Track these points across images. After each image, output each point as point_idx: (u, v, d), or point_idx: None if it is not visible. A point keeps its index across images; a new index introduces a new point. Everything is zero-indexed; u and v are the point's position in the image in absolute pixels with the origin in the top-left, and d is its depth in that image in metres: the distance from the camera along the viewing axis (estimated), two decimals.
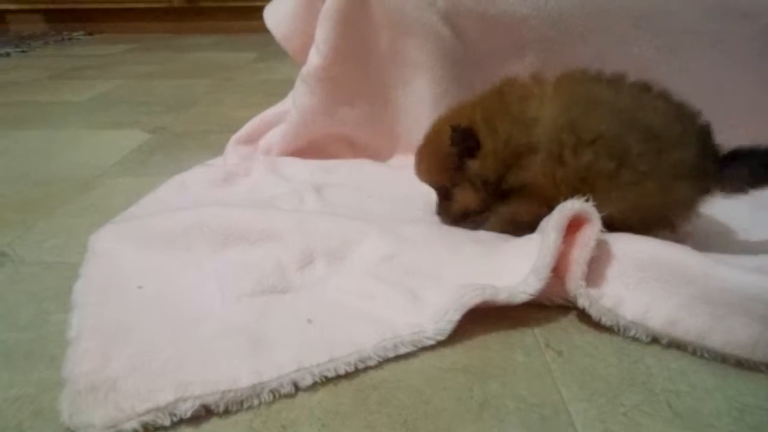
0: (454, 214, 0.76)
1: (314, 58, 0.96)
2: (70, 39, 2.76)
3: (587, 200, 0.62)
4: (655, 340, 0.56)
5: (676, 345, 0.55)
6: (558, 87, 0.69)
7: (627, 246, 0.61)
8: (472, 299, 0.57)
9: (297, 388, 0.49)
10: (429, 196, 0.80)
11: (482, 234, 0.72)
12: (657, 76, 0.93)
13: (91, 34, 2.92)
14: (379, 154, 1.06)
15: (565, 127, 0.65)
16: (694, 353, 0.54)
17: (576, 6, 0.90)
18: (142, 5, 2.88)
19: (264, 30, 1.09)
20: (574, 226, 0.62)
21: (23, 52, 2.39)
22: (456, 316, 0.56)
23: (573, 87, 0.69)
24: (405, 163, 0.95)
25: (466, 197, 0.73)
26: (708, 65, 0.92)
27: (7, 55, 2.33)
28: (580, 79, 0.70)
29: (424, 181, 0.77)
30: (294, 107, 1.02)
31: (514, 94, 0.70)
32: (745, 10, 0.89)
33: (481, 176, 0.71)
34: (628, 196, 0.64)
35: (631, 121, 0.65)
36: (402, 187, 0.91)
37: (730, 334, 0.53)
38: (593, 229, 0.60)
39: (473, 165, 0.71)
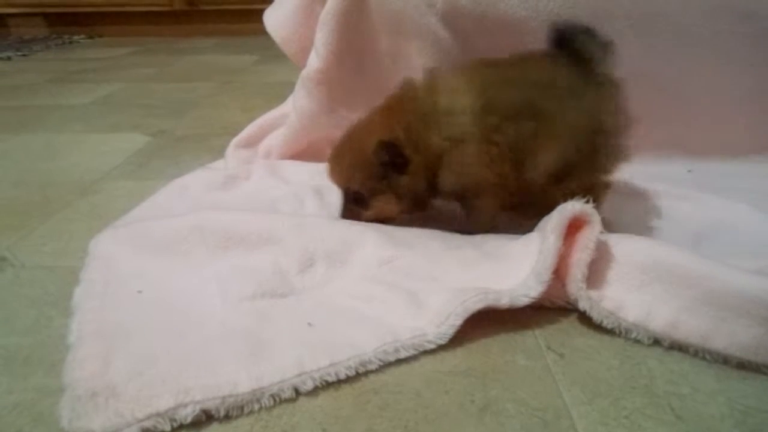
0: (366, 219, 0.75)
1: (313, 61, 0.96)
2: (71, 42, 2.76)
3: (587, 202, 0.62)
4: (656, 342, 0.56)
5: (678, 347, 0.55)
6: (466, 75, 0.72)
7: (627, 248, 0.60)
8: (475, 304, 0.56)
9: (298, 392, 0.49)
10: None
11: (481, 236, 0.72)
12: (654, 75, 0.94)
13: (92, 37, 2.92)
14: None
15: (486, 110, 0.68)
16: (696, 355, 0.54)
17: (574, 7, 0.90)
18: (143, 8, 2.89)
19: (264, 33, 1.09)
20: (573, 227, 0.61)
21: (24, 55, 2.39)
22: (458, 321, 0.56)
23: (482, 72, 0.72)
24: None
25: (387, 207, 0.74)
26: (707, 66, 0.92)
27: (8, 58, 2.33)
28: (484, 65, 0.73)
29: (337, 184, 0.76)
30: (294, 110, 1.02)
31: (421, 95, 0.72)
32: (743, 11, 0.89)
33: (409, 189, 0.72)
34: (554, 149, 0.69)
35: (541, 87, 0.70)
36: None
37: (733, 337, 0.53)
38: (593, 231, 0.60)
39: (402, 180, 0.71)
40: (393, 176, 0.71)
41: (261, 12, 1.11)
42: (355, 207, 0.75)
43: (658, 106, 0.96)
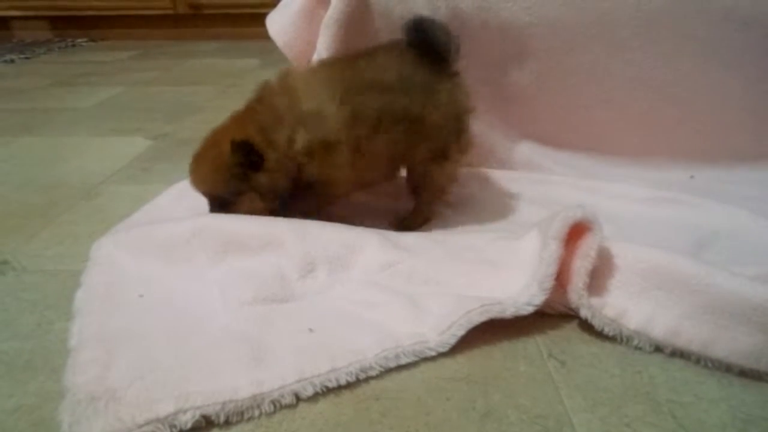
0: None
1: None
2: (74, 46, 2.77)
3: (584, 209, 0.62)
4: (658, 349, 0.56)
5: (679, 354, 0.55)
6: (327, 78, 0.75)
7: (628, 255, 0.60)
8: (479, 316, 0.56)
9: (298, 398, 0.49)
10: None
11: (480, 241, 0.71)
12: (657, 82, 0.94)
13: (95, 40, 2.92)
14: None
15: (353, 121, 0.72)
16: (697, 363, 0.54)
17: (576, 14, 0.90)
18: (146, 12, 2.89)
19: (267, 37, 1.09)
20: (574, 234, 0.61)
21: (27, 58, 2.40)
22: (460, 332, 0.56)
23: (343, 74, 0.75)
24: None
25: (253, 207, 0.73)
26: (708, 72, 0.92)
27: (12, 61, 2.33)
28: (342, 65, 0.78)
29: (200, 191, 0.75)
30: None
31: (280, 96, 0.74)
32: (744, 19, 0.89)
33: (270, 187, 0.72)
34: (422, 145, 0.77)
35: (403, 89, 0.75)
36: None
37: (734, 344, 0.53)
38: (594, 238, 0.59)
39: (261, 178, 0.72)
40: (252, 175, 0.72)
41: (264, 16, 1.11)
42: (221, 211, 0.74)
43: (661, 112, 0.96)
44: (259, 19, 1.16)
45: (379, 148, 0.74)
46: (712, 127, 0.96)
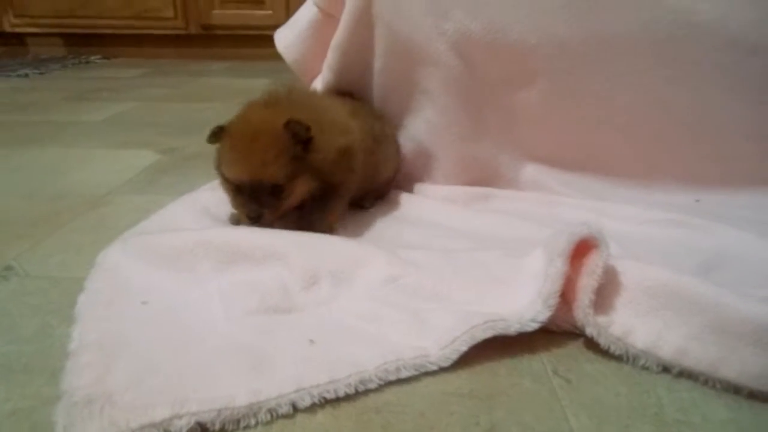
0: (288, 207, 0.74)
1: (327, 77, 0.98)
2: (87, 62, 2.81)
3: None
4: (665, 369, 0.54)
5: (687, 375, 0.54)
6: (328, 97, 0.92)
7: (635, 273, 0.60)
8: (483, 332, 0.56)
9: (296, 409, 0.48)
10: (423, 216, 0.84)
11: (487, 258, 0.71)
12: (664, 105, 0.94)
13: (108, 58, 2.98)
14: None
15: (363, 134, 0.84)
16: (705, 384, 0.53)
17: (583, 37, 0.91)
18: (158, 32, 2.95)
19: (276, 57, 1.11)
20: (580, 251, 0.61)
21: (41, 73, 2.44)
22: (463, 347, 0.55)
23: (340, 101, 0.90)
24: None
25: (304, 187, 0.74)
26: (714, 96, 0.92)
27: (26, 75, 2.37)
28: (334, 98, 0.93)
29: (255, 181, 0.71)
30: None
31: (300, 103, 0.79)
32: (752, 45, 0.89)
33: (320, 168, 0.74)
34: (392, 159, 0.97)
35: (372, 117, 0.95)
36: (405, 209, 0.90)
37: (743, 366, 0.52)
38: (600, 256, 0.59)
39: (313, 157, 0.73)
40: (305, 155, 0.73)
41: (273, 38, 1.13)
42: (270, 200, 0.72)
43: (667, 135, 0.96)
44: (269, 40, 1.18)
45: (374, 160, 0.88)
46: (719, 151, 0.96)
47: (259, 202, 0.72)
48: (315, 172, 0.74)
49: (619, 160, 0.99)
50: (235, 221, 0.81)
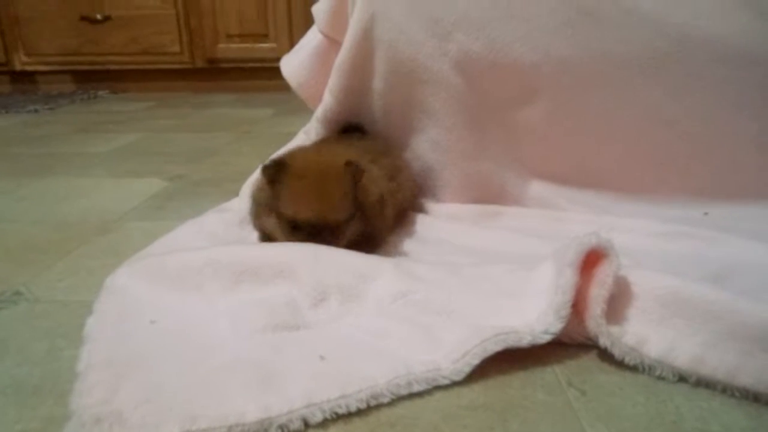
0: (342, 247, 0.74)
1: (327, 101, 0.99)
2: (95, 97, 2.87)
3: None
4: (682, 378, 0.53)
5: (705, 383, 0.53)
6: (343, 145, 0.92)
7: (646, 282, 0.59)
8: (495, 345, 0.55)
9: (307, 424, 0.48)
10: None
11: (496, 271, 0.71)
12: (668, 120, 0.95)
13: (115, 92, 3.03)
14: None
15: (386, 178, 0.87)
16: (724, 392, 0.52)
17: (585, 53, 0.92)
18: (165, 66, 3.01)
19: (281, 88, 1.13)
20: (589, 261, 0.60)
21: (51, 109, 2.48)
22: (475, 361, 0.54)
23: (355, 144, 0.94)
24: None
25: (355, 228, 0.76)
26: (718, 110, 0.93)
27: (36, 111, 2.42)
28: (340, 141, 0.97)
29: (321, 219, 0.72)
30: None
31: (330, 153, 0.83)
32: (751, 57, 0.90)
33: (364, 211, 0.77)
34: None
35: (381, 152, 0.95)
36: (412, 227, 0.90)
37: (761, 373, 0.51)
38: (611, 265, 0.59)
39: (365, 200, 0.76)
40: (357, 197, 0.75)
41: (277, 70, 1.15)
42: (329, 238, 0.73)
43: (673, 149, 0.96)
44: (273, 72, 1.20)
45: (397, 199, 0.89)
46: (726, 164, 0.96)
47: (317, 241, 0.72)
48: (361, 216, 0.76)
49: (626, 175, 0.99)
50: (265, 240, 0.82)
